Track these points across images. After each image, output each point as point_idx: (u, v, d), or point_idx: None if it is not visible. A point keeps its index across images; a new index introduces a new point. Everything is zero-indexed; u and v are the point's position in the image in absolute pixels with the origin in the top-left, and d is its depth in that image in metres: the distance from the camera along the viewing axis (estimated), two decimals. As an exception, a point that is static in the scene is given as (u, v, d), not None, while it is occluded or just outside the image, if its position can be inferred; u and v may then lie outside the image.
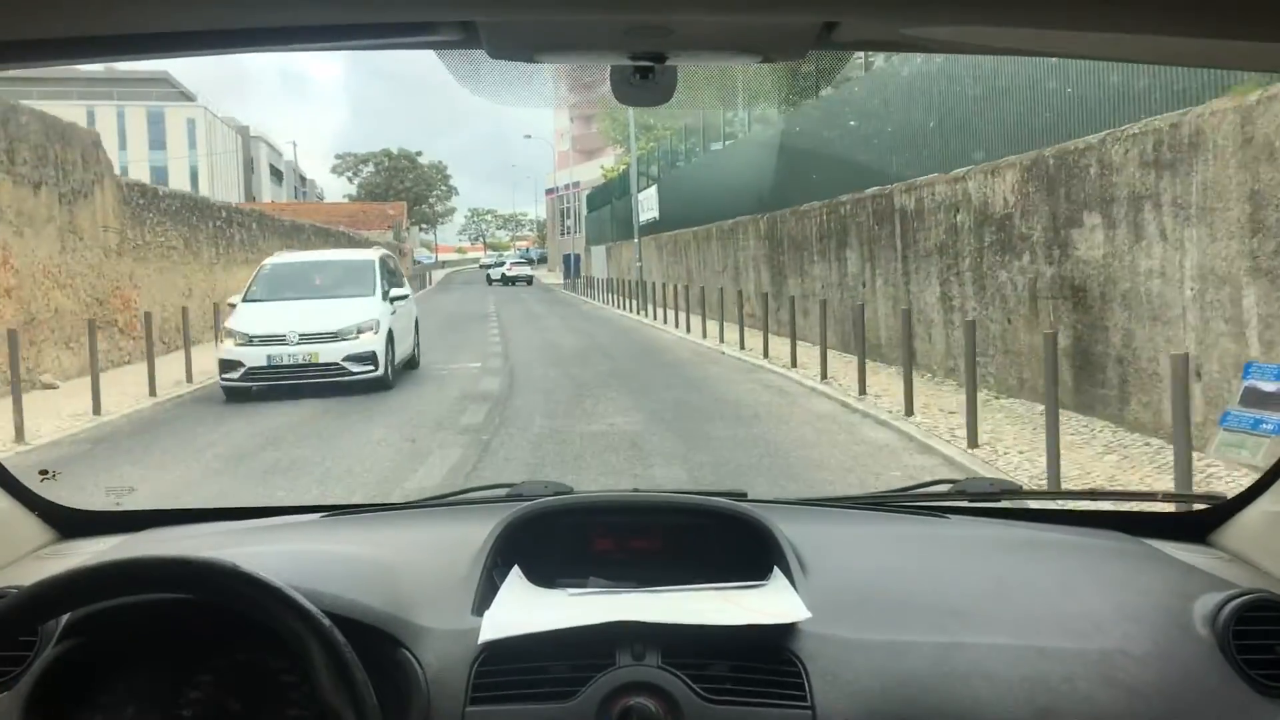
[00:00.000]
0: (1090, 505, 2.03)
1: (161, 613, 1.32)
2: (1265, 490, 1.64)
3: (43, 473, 3.17)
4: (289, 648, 1.16)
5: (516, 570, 1.53)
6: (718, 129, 27.81)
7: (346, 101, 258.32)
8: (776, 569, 1.51)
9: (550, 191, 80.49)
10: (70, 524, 1.87)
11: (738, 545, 1.58)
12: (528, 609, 1.39)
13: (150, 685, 1.37)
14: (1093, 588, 1.47)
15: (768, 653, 1.33)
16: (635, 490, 1.95)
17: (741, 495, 1.78)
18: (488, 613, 1.38)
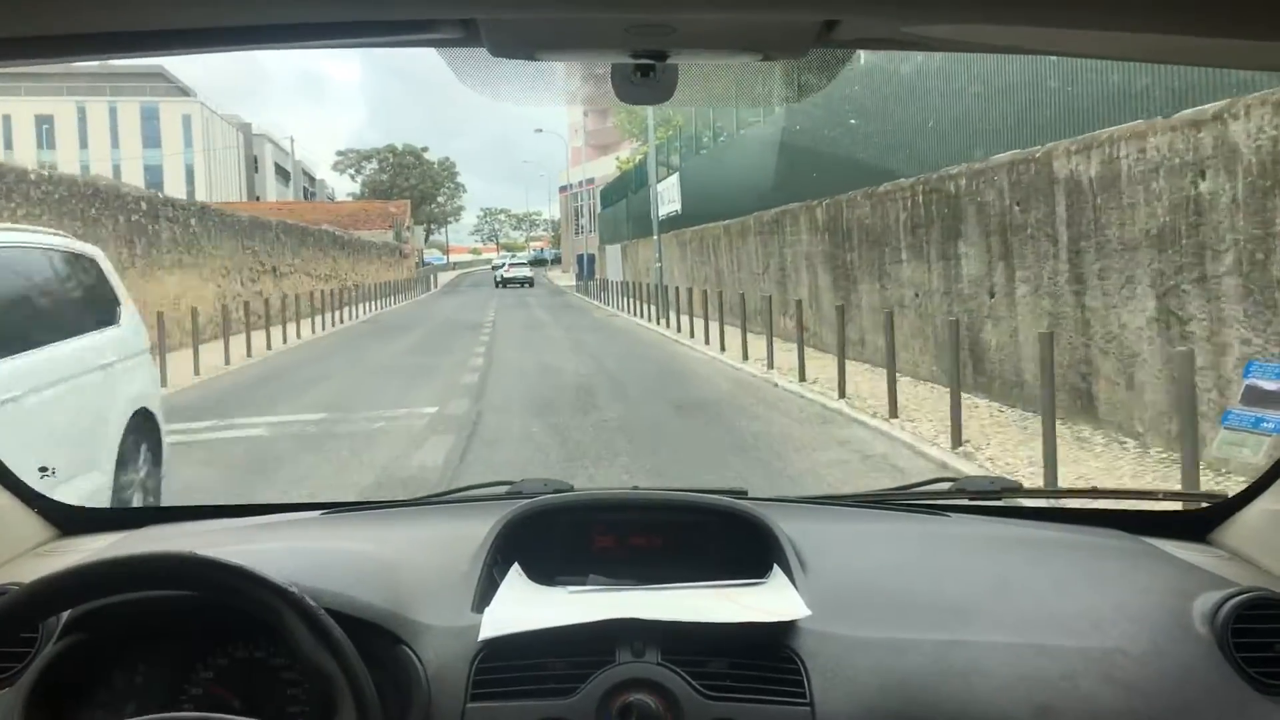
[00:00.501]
0: (1090, 504, 2.08)
1: (162, 609, 1.35)
2: (1266, 489, 1.65)
3: (42, 470, 3.45)
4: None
5: (516, 567, 1.54)
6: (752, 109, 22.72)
7: (362, 102, 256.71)
8: (776, 567, 1.52)
9: (564, 189, 77.05)
10: (70, 521, 1.91)
11: (738, 543, 1.60)
12: (528, 606, 1.41)
13: (151, 681, 1.41)
14: (1092, 586, 1.48)
15: (767, 650, 1.35)
16: (635, 488, 1.84)
17: (742, 493, 1.79)
18: (488, 610, 1.40)
